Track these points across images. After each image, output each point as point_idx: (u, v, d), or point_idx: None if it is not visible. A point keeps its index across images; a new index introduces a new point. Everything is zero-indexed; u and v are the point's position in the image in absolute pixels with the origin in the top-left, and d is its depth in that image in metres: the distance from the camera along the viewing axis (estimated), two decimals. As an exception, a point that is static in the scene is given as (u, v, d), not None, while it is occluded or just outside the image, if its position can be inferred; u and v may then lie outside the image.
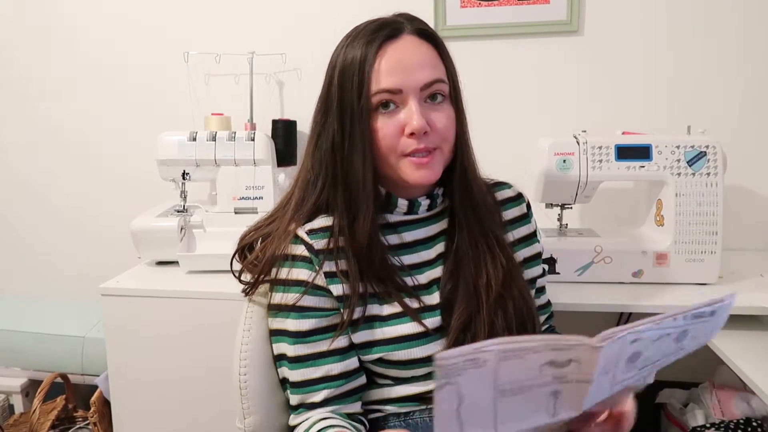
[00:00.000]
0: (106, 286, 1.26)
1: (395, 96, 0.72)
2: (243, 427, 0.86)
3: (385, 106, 0.73)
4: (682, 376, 1.52)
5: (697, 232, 1.15)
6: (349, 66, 0.73)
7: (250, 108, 1.58)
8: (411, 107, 0.72)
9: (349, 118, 0.73)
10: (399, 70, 0.72)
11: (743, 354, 0.93)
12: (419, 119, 0.71)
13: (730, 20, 1.42)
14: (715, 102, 1.46)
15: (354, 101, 0.72)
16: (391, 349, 0.76)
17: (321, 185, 0.77)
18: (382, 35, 0.72)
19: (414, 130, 0.71)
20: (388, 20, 0.75)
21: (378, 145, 0.73)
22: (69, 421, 1.61)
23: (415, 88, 0.72)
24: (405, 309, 0.76)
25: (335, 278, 0.76)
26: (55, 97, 1.77)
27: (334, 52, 0.77)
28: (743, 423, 1.21)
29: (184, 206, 1.40)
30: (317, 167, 0.77)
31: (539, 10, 1.48)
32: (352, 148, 0.73)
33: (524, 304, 0.79)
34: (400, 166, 0.74)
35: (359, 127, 0.72)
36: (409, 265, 0.80)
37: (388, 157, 0.74)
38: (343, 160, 0.74)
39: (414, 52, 0.73)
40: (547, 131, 1.29)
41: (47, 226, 1.85)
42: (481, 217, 0.81)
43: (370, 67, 0.71)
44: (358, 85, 0.72)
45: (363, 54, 0.72)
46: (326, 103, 0.76)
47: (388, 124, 0.73)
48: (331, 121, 0.75)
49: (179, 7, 1.66)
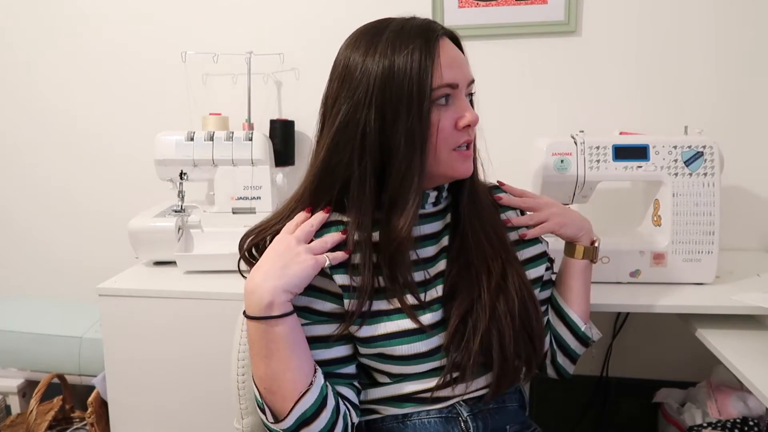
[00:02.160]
0: (104, 286, 1.26)
1: (452, 90, 0.75)
2: (241, 428, 0.86)
3: (445, 101, 0.75)
4: (680, 376, 1.53)
5: (695, 232, 1.16)
6: (403, 63, 0.72)
7: (248, 108, 1.57)
8: (463, 101, 0.76)
9: (405, 112, 0.72)
10: (456, 66, 0.75)
11: (740, 353, 0.93)
12: (473, 112, 0.77)
13: (728, 20, 1.43)
14: (713, 102, 1.46)
15: (414, 95, 0.72)
16: (392, 344, 0.76)
17: (342, 184, 0.77)
18: (435, 35, 0.74)
19: (470, 122, 0.76)
20: (427, 20, 0.77)
21: (433, 139, 0.74)
22: (66, 422, 1.61)
23: (465, 83, 0.77)
24: (402, 306, 0.77)
25: (340, 269, 0.76)
26: (54, 97, 1.77)
27: (353, 52, 0.75)
28: (740, 422, 1.21)
29: (182, 206, 1.40)
30: (344, 163, 0.75)
31: (537, 11, 1.49)
32: (408, 142, 0.73)
33: (525, 289, 0.82)
34: (450, 159, 0.77)
35: (419, 121, 0.73)
36: (424, 258, 0.82)
37: (441, 150, 0.75)
38: (388, 156, 0.74)
39: (456, 52, 0.77)
40: (545, 131, 1.29)
41: (44, 225, 1.85)
42: (483, 210, 0.84)
43: (432, 63, 0.72)
44: (420, 81, 0.72)
45: (422, 51, 0.72)
46: (357, 100, 0.74)
47: (445, 117, 0.75)
48: (365, 118, 0.73)
49: (177, 7, 1.66)
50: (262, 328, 0.70)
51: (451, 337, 0.77)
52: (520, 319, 0.80)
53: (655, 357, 1.59)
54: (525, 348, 0.81)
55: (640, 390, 1.54)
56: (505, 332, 0.78)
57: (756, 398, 0.95)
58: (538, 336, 0.82)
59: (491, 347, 0.78)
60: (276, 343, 0.70)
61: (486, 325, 0.77)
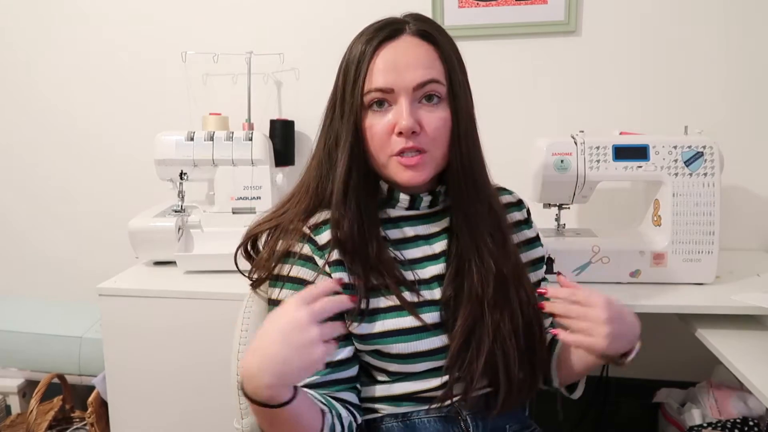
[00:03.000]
0: (104, 286, 1.26)
1: (387, 95, 0.73)
2: (240, 427, 0.86)
3: (378, 105, 0.74)
4: (680, 376, 1.53)
5: (695, 232, 1.16)
6: (350, 63, 0.75)
7: (248, 108, 1.57)
8: (401, 106, 0.73)
9: (343, 114, 0.75)
10: (392, 70, 0.73)
11: (740, 353, 0.93)
12: (408, 119, 0.72)
13: (728, 21, 1.43)
14: (712, 102, 1.46)
15: (349, 98, 0.74)
16: (388, 341, 0.76)
17: (324, 179, 0.79)
18: (382, 35, 0.74)
19: (402, 129, 0.72)
20: (391, 20, 0.77)
21: (368, 143, 0.75)
22: (66, 422, 1.61)
23: (407, 88, 0.73)
24: (402, 302, 0.77)
25: (339, 267, 0.77)
26: (54, 97, 1.77)
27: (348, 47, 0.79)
28: (740, 422, 1.21)
29: (182, 206, 1.40)
30: (329, 164, 0.78)
31: (537, 11, 1.49)
32: (341, 144, 0.75)
33: (530, 307, 0.79)
34: (388, 166, 0.76)
35: (349, 123, 0.74)
36: (411, 259, 0.81)
37: (378, 155, 0.76)
38: (337, 154, 0.77)
39: (409, 52, 0.74)
40: (545, 131, 1.29)
41: (44, 225, 1.85)
42: (479, 220, 0.79)
43: (366, 66, 0.73)
44: (353, 83, 0.74)
45: (362, 52, 0.74)
46: (334, 99, 0.78)
47: (379, 122, 0.74)
48: (336, 116, 0.77)
49: (177, 7, 1.66)
50: (262, 410, 0.62)
51: (454, 359, 0.76)
52: (525, 338, 0.78)
53: (655, 357, 1.58)
54: (530, 366, 0.79)
55: (640, 390, 1.54)
56: (509, 353, 0.76)
57: (756, 398, 0.95)
58: (540, 359, 0.81)
59: (496, 368, 0.77)
60: (281, 423, 0.65)
61: (490, 346, 0.75)
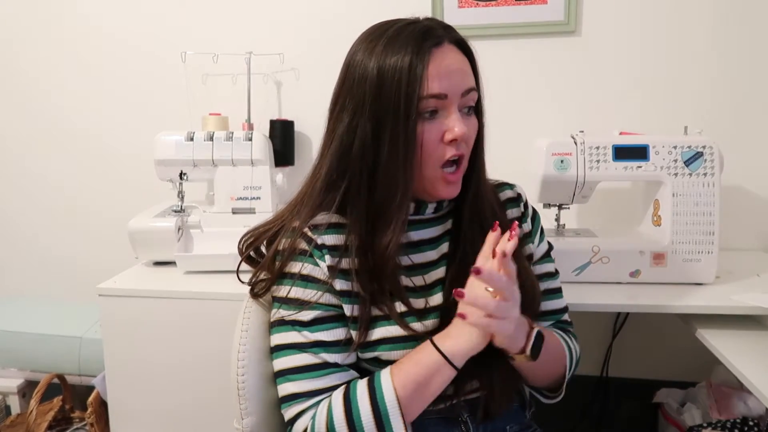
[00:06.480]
0: (104, 286, 1.26)
1: (440, 102, 0.72)
2: (241, 428, 0.86)
3: (431, 113, 0.73)
4: (680, 376, 1.53)
5: (694, 232, 1.16)
6: (392, 70, 0.71)
7: (248, 108, 1.57)
8: (454, 114, 0.73)
9: (391, 122, 0.71)
10: (445, 76, 0.71)
11: (740, 353, 0.93)
12: (462, 126, 0.72)
13: (728, 21, 1.43)
14: (712, 102, 1.46)
15: (400, 106, 0.70)
16: (386, 348, 0.76)
17: (345, 188, 0.76)
18: (431, 42, 0.72)
19: (456, 136, 0.72)
20: (428, 25, 0.74)
21: (418, 152, 0.73)
22: (66, 422, 1.61)
23: (457, 93, 0.73)
24: (392, 314, 0.76)
25: (339, 274, 0.76)
26: (53, 96, 1.77)
27: (356, 53, 0.75)
28: (740, 422, 1.21)
29: (182, 206, 1.40)
30: (342, 170, 0.76)
31: (537, 11, 1.49)
32: (392, 155, 0.72)
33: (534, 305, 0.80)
34: (434, 178, 0.75)
35: (404, 133, 0.71)
36: (415, 264, 0.80)
37: (426, 166, 0.74)
38: (376, 166, 0.73)
39: (455, 59, 0.73)
40: (545, 131, 1.29)
41: (44, 225, 1.85)
42: (486, 223, 0.80)
43: (420, 73, 0.70)
44: (406, 90, 0.70)
45: (411, 59, 0.70)
46: (356, 103, 0.74)
47: (431, 129, 0.73)
48: (362, 124, 0.73)
49: (177, 7, 1.66)
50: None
51: None
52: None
53: (655, 357, 1.59)
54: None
55: (640, 390, 1.54)
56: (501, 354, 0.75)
57: (756, 398, 0.95)
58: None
59: (490, 369, 0.77)
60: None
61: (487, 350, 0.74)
